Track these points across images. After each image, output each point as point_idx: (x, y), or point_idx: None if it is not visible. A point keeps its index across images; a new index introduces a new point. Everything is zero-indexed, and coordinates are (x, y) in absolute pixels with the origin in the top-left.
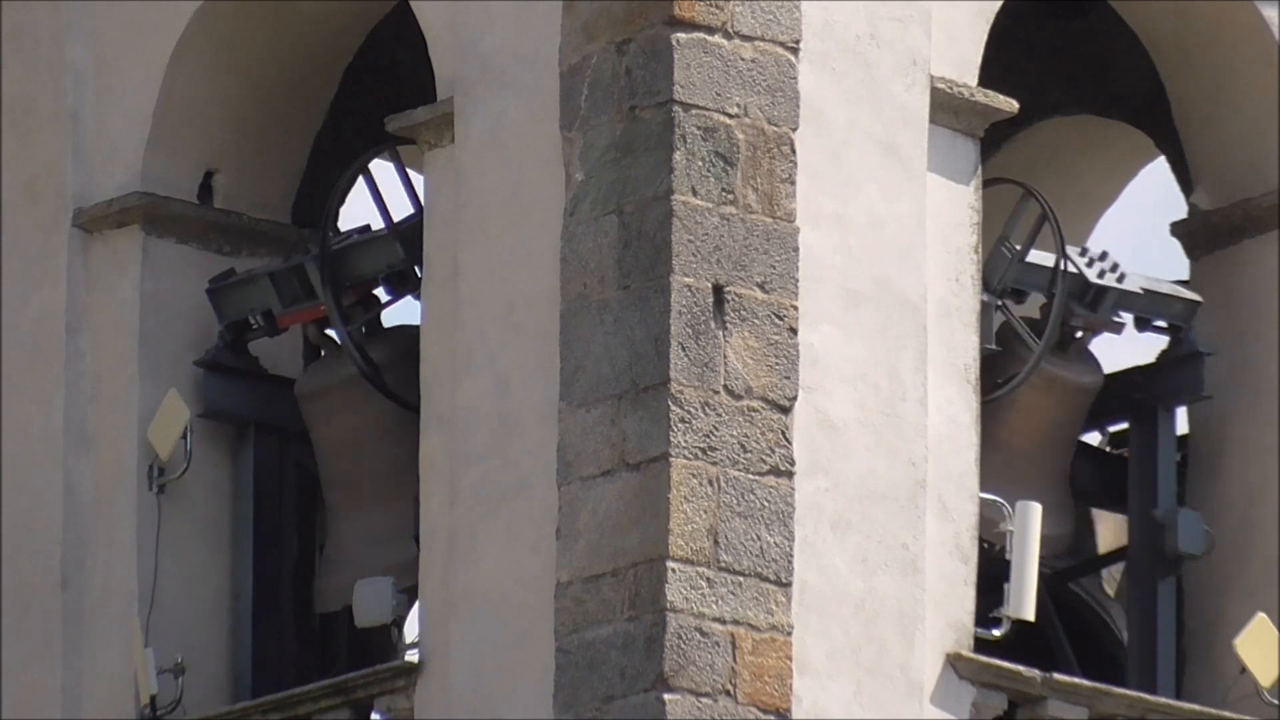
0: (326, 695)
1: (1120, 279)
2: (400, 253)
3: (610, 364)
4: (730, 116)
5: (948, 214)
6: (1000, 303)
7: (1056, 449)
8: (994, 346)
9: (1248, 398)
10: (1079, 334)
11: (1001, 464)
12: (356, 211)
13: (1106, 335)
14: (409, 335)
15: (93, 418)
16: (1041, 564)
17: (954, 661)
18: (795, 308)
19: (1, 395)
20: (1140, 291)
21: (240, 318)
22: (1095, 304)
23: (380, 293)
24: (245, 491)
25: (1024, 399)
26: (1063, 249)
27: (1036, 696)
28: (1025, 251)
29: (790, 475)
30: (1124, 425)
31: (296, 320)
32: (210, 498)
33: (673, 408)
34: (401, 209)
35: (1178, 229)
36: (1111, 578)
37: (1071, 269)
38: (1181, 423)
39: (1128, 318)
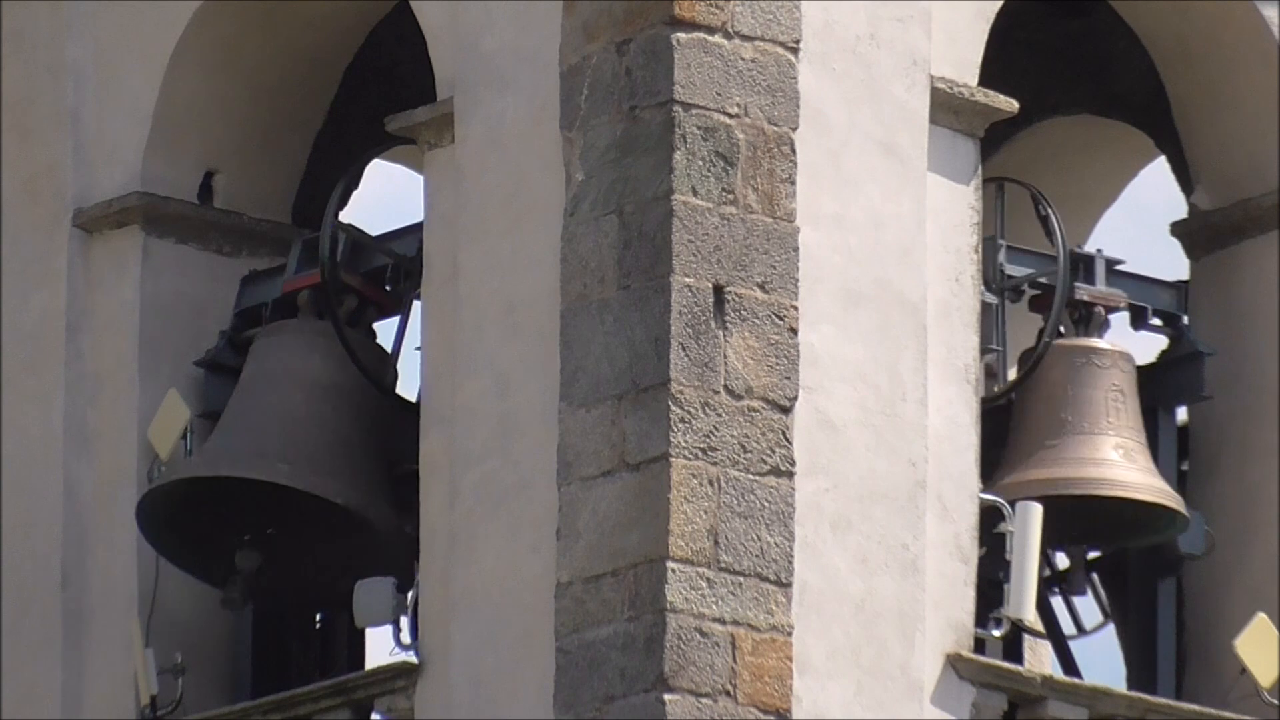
0: (326, 695)
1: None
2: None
3: (610, 364)
4: (730, 116)
5: (948, 214)
6: (999, 301)
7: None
8: (997, 348)
9: (1248, 398)
10: (1093, 309)
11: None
12: (354, 214)
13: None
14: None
15: (93, 418)
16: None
17: (954, 661)
18: (795, 308)
19: (1, 395)
20: (1126, 263)
21: (256, 303)
22: (1090, 279)
23: (383, 292)
24: None
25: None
26: (1064, 245)
27: (1036, 696)
28: (1000, 230)
29: (790, 475)
30: None
31: (298, 286)
32: None
33: (673, 408)
34: (401, 213)
35: (1178, 229)
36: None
37: (1061, 248)
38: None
39: (1125, 317)
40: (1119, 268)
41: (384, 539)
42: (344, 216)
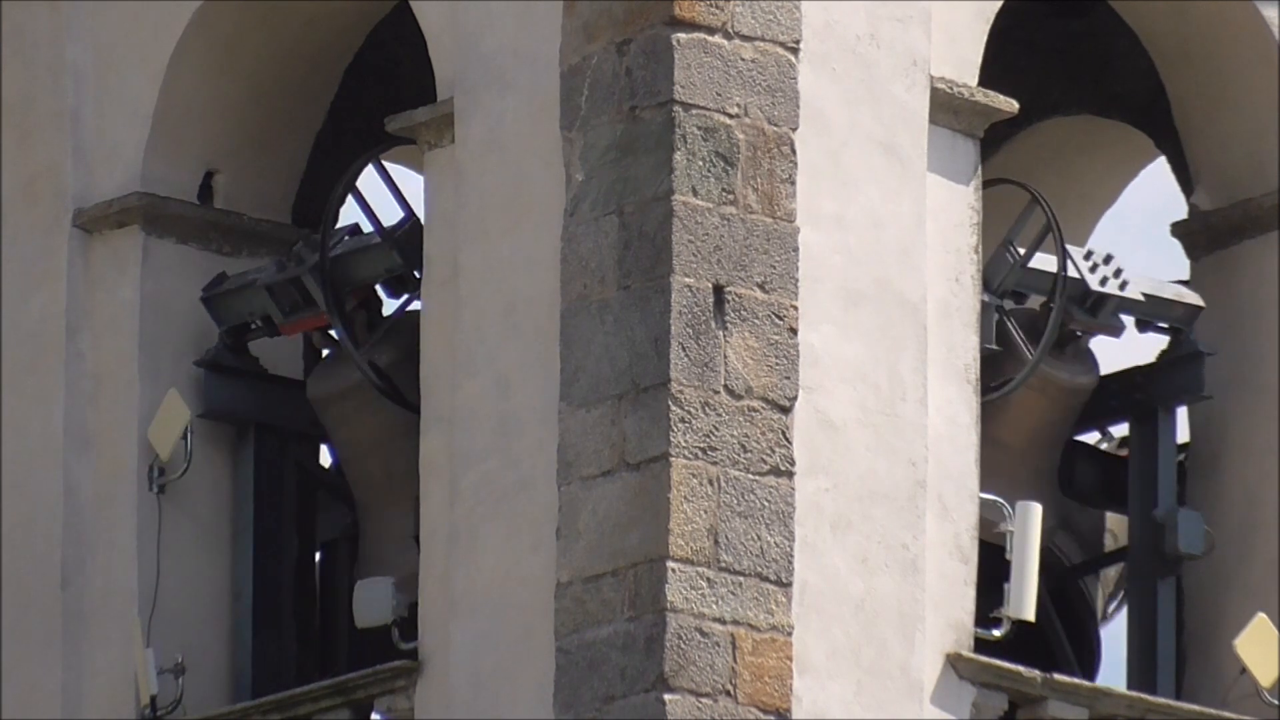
0: (326, 695)
1: (1123, 285)
2: (397, 259)
3: (610, 364)
4: (730, 116)
5: (948, 214)
6: (1000, 303)
7: (1047, 448)
8: (994, 347)
9: (1248, 398)
10: (1078, 334)
11: (995, 463)
12: (351, 213)
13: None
14: (411, 329)
15: (93, 418)
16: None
17: (954, 661)
18: (795, 308)
19: (1, 395)
20: (1141, 298)
21: (240, 322)
22: (1095, 309)
23: (380, 294)
24: (245, 491)
25: (1018, 399)
26: (1063, 252)
27: (1036, 696)
28: (1029, 257)
29: (790, 475)
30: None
31: (300, 329)
32: (210, 498)
33: (673, 408)
34: (395, 213)
35: (1178, 229)
36: (1107, 580)
37: (1073, 274)
38: (1181, 422)
39: (1128, 320)
40: (1134, 288)
41: None
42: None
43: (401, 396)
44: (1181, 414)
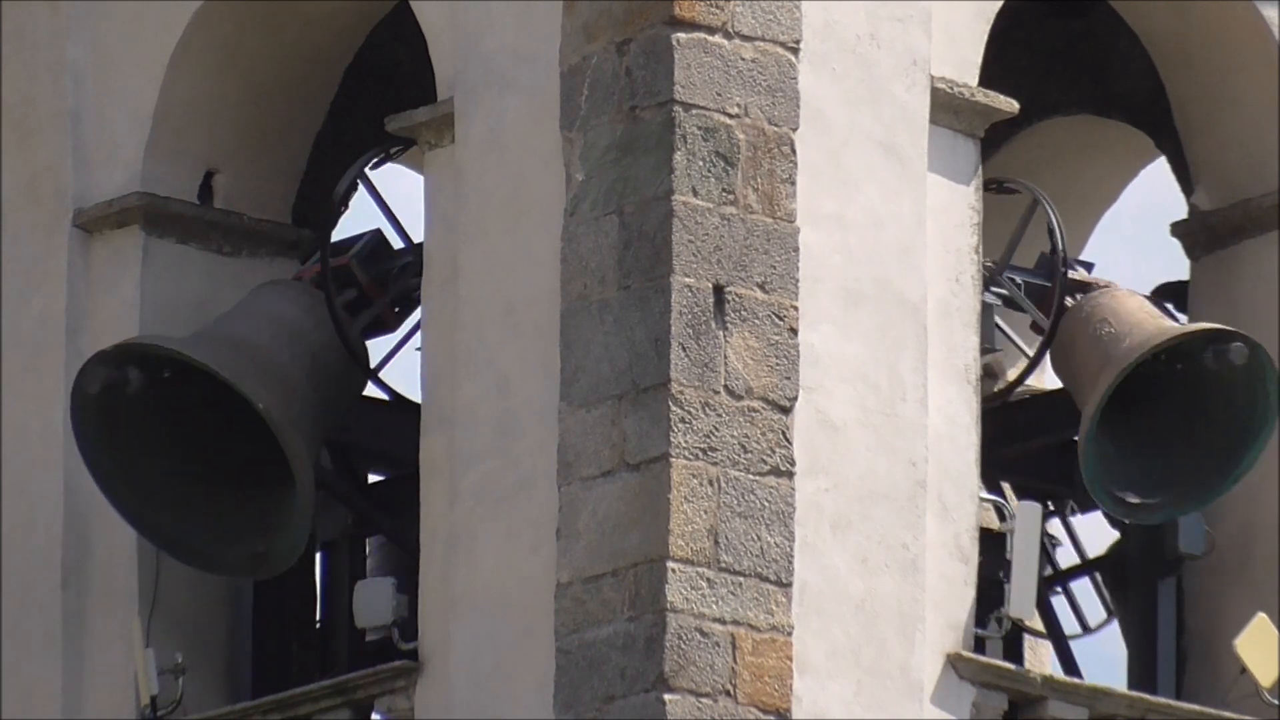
0: (326, 695)
1: (1090, 269)
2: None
3: (610, 364)
4: (730, 116)
5: (948, 214)
6: (997, 303)
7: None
8: (995, 348)
9: None
10: (1091, 286)
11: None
12: (355, 214)
13: None
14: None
15: None
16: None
17: (954, 661)
18: (795, 308)
19: (1, 395)
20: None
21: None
22: (1087, 285)
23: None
24: None
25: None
26: (1064, 246)
27: (1036, 696)
28: (1019, 237)
29: (790, 475)
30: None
31: (306, 274)
32: None
33: (673, 408)
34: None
35: (1178, 229)
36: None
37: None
38: None
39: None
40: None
41: (294, 492)
42: (346, 217)
43: (335, 315)
44: None
